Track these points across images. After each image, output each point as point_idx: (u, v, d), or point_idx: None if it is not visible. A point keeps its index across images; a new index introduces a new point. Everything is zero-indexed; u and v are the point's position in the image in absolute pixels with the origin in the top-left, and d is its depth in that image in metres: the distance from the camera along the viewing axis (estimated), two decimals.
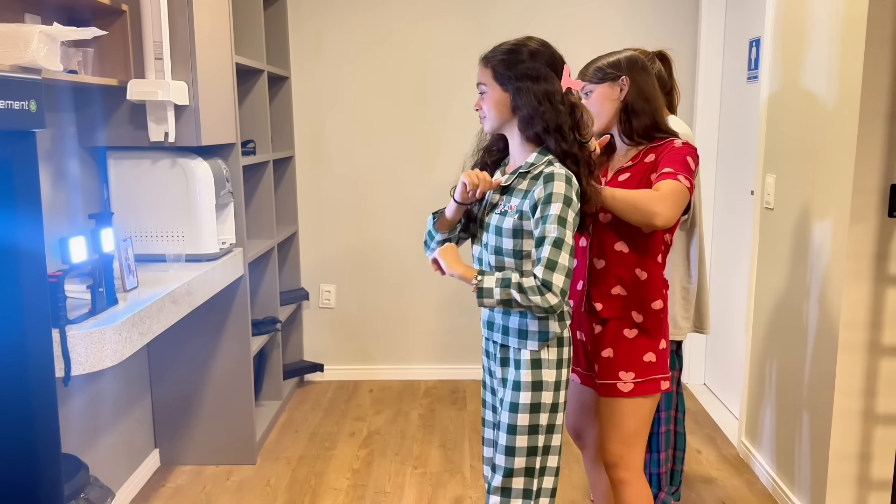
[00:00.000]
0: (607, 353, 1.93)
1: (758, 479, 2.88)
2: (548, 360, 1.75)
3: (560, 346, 1.77)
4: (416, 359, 4.05)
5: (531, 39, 1.74)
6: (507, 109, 1.72)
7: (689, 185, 1.81)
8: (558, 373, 1.77)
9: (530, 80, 1.68)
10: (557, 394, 1.77)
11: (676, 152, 1.86)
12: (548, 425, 1.76)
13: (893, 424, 2.27)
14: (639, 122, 1.90)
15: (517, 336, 1.76)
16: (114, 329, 1.89)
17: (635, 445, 1.95)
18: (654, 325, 1.92)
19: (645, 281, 1.91)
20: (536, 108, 1.68)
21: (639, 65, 1.93)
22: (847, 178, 2.22)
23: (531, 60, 1.70)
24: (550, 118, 1.68)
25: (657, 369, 1.92)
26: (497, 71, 1.71)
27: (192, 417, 3.01)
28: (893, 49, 2.12)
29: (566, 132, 1.70)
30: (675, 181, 1.79)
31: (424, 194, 3.86)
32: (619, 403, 1.92)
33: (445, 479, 2.92)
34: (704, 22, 3.65)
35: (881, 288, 2.25)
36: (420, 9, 3.75)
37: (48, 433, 1.34)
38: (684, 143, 1.89)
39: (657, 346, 1.92)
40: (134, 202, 2.60)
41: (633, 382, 1.90)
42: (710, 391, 3.80)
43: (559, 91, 1.70)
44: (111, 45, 2.38)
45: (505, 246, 1.73)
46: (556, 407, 1.77)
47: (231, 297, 2.92)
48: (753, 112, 3.19)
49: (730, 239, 3.55)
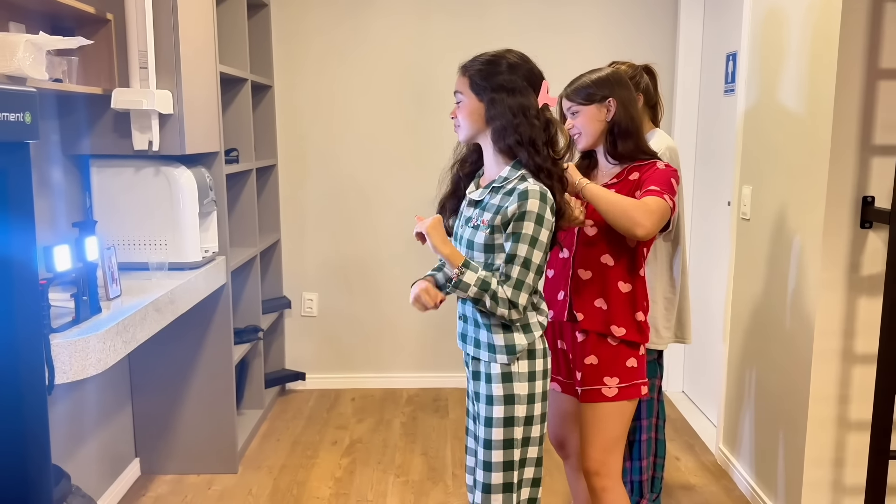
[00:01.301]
0: (591, 360, 1.96)
1: (736, 485, 2.93)
2: (518, 373, 1.75)
3: (532, 357, 1.76)
4: (399, 367, 4.07)
5: (511, 52, 1.75)
6: (481, 119, 1.73)
7: (672, 205, 1.87)
8: (531, 385, 1.76)
9: (506, 92, 1.69)
10: (532, 406, 1.76)
11: (661, 174, 1.91)
12: (523, 438, 1.76)
13: (866, 431, 2.32)
14: (624, 144, 1.94)
15: (487, 350, 1.77)
16: (98, 338, 1.89)
17: (615, 452, 1.98)
18: (636, 334, 1.96)
19: (628, 294, 1.94)
20: (510, 120, 1.68)
21: (623, 83, 1.96)
22: (821, 190, 2.28)
23: (509, 73, 1.70)
24: (524, 131, 1.68)
25: (638, 374, 1.97)
26: (474, 80, 1.72)
27: (174, 426, 3.00)
28: (865, 65, 2.19)
29: (539, 146, 1.70)
30: (662, 199, 1.84)
31: (407, 203, 3.88)
32: (603, 409, 1.95)
33: (428, 487, 2.93)
34: (682, 35, 3.71)
35: (854, 297, 2.30)
36: (403, 18, 3.78)
37: (38, 443, 1.34)
38: (667, 166, 1.94)
39: (638, 353, 1.97)
40: (117, 210, 2.60)
41: (618, 387, 1.94)
42: (688, 399, 3.85)
43: (534, 106, 1.71)
44: (96, 53, 2.39)
45: (476, 259, 1.74)
46: (531, 420, 1.77)
47: (213, 306, 2.92)
48: (730, 124, 3.25)
49: (707, 248, 3.61)
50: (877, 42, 2.17)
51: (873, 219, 2.23)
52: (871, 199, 2.24)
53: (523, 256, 1.66)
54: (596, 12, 3.78)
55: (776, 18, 2.64)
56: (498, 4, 3.76)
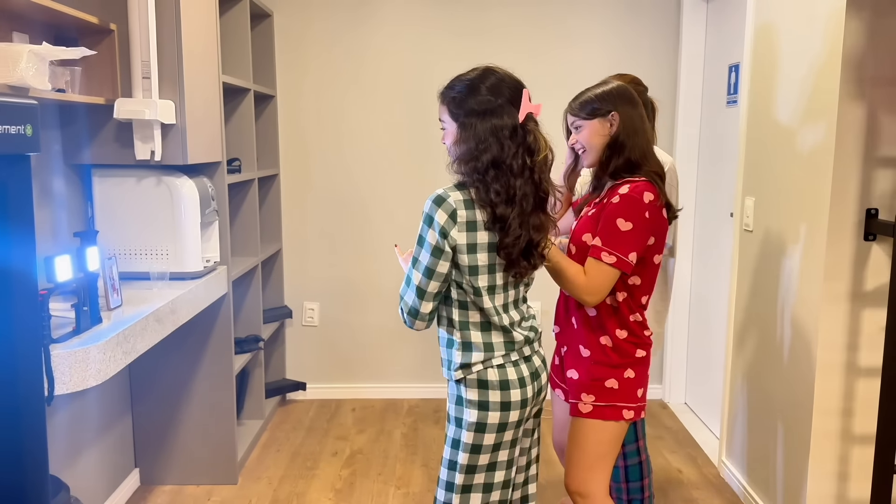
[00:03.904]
0: (571, 373, 1.95)
1: (738, 498, 2.91)
2: (467, 399, 1.70)
3: (483, 388, 1.69)
4: (399, 377, 4.05)
5: (487, 70, 1.70)
6: (459, 144, 1.69)
7: (615, 260, 1.79)
8: (481, 414, 1.68)
9: (477, 117, 1.64)
10: (481, 435, 1.69)
11: (611, 214, 1.82)
12: (467, 465, 1.71)
13: (870, 444, 2.31)
14: (615, 161, 1.88)
15: (442, 362, 1.79)
16: (98, 348, 1.88)
17: (597, 470, 1.92)
18: (601, 356, 1.90)
19: (594, 318, 1.91)
20: (475, 146, 1.64)
21: (628, 98, 1.90)
22: (824, 202, 2.28)
23: (482, 94, 1.65)
24: (486, 157, 1.62)
25: (619, 397, 1.89)
26: (450, 109, 1.70)
27: (173, 436, 2.99)
28: (868, 76, 2.18)
29: (507, 167, 1.63)
30: (599, 263, 1.80)
31: (408, 212, 3.88)
32: (580, 424, 1.92)
33: (428, 499, 2.92)
34: (685, 47, 3.72)
35: (857, 310, 2.29)
36: (406, 30, 3.79)
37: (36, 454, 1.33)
38: (628, 193, 1.82)
39: (621, 375, 1.89)
40: (118, 220, 2.60)
41: (593, 405, 1.90)
42: (690, 410, 3.84)
43: (509, 124, 1.64)
44: (99, 63, 2.39)
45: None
46: (477, 448, 1.70)
47: (214, 315, 2.91)
48: (733, 135, 3.25)
49: (709, 260, 3.60)
50: (880, 53, 2.17)
51: (877, 231, 2.23)
52: (875, 212, 2.23)
53: (415, 257, 1.69)
54: (598, 24, 3.78)
55: (778, 29, 2.64)
56: (500, 15, 3.77)
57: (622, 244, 1.80)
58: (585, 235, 1.88)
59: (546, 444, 3.16)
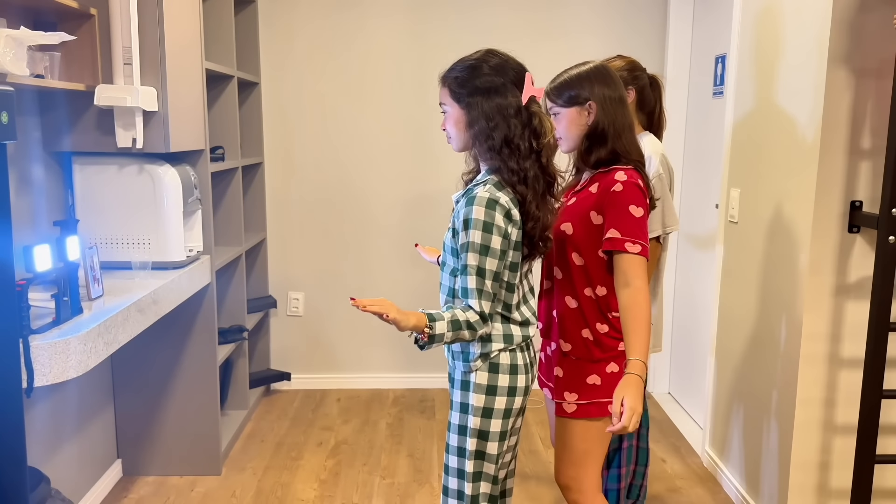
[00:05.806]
0: (557, 371, 1.92)
1: (722, 488, 2.93)
2: (476, 383, 1.70)
3: (494, 371, 1.70)
4: (385, 367, 4.04)
5: (489, 53, 1.69)
6: (465, 127, 1.68)
7: (640, 248, 1.75)
8: (489, 399, 1.70)
9: (481, 95, 1.64)
10: (487, 421, 1.70)
11: (621, 203, 1.77)
12: (476, 451, 1.71)
13: (852, 435, 2.33)
14: (597, 152, 1.84)
15: (450, 354, 1.78)
16: (78, 339, 1.85)
17: (586, 467, 1.91)
18: (583, 350, 1.87)
19: (575, 309, 1.87)
20: (484, 125, 1.63)
21: (607, 80, 1.84)
22: (809, 194, 2.28)
23: (485, 74, 1.65)
24: (498, 135, 1.63)
25: (602, 393, 1.86)
26: (452, 89, 1.68)
27: (156, 427, 2.96)
28: (854, 68, 2.19)
29: (516, 147, 1.63)
30: (625, 255, 1.75)
31: (394, 202, 3.86)
32: (566, 424, 1.91)
33: (414, 489, 2.91)
34: (671, 38, 3.71)
35: (841, 301, 2.31)
36: (393, 15, 3.76)
37: (13, 446, 1.31)
38: (628, 180, 1.78)
39: (603, 370, 1.86)
40: (99, 209, 2.56)
41: (577, 404, 1.87)
42: (674, 400, 3.86)
43: (514, 104, 1.64)
44: (79, 49, 2.34)
45: (448, 262, 1.73)
46: (485, 435, 1.71)
47: (197, 305, 2.89)
48: (719, 127, 3.26)
49: (695, 251, 3.62)
50: (865, 45, 2.17)
51: (861, 223, 2.24)
52: (859, 204, 2.24)
53: (475, 265, 1.61)
54: (585, 15, 3.77)
55: (765, 21, 2.64)
56: (487, 3, 3.75)
57: (641, 231, 1.77)
58: (565, 225, 1.84)
59: (544, 440, 3.16)
